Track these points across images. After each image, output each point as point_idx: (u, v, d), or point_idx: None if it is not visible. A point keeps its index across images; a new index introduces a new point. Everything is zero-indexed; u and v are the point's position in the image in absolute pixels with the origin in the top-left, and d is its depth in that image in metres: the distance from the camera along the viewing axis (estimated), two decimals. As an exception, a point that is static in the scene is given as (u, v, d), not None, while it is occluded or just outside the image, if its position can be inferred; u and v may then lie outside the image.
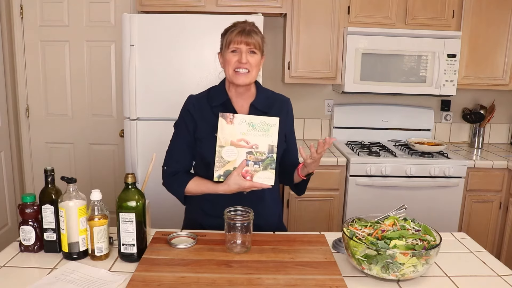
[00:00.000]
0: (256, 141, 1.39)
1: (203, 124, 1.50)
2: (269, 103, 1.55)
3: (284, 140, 1.56)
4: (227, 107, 1.50)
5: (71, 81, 3.14)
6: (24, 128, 3.21)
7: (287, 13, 2.74)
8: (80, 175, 3.15)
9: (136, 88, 2.43)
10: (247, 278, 1.14)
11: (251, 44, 1.43)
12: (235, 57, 1.44)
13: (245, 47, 1.43)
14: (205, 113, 1.51)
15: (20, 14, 3.04)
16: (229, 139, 1.39)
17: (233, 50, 1.44)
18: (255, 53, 1.45)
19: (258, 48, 1.45)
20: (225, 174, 1.40)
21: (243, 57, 1.42)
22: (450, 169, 2.58)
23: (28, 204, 1.30)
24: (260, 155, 1.39)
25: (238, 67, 1.44)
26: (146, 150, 2.48)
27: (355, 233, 1.22)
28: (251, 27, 1.45)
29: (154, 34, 2.39)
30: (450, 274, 1.22)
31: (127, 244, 1.24)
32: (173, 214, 2.51)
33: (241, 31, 1.43)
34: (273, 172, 1.40)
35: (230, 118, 1.39)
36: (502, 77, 2.86)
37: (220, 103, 1.50)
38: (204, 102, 1.53)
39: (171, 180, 1.54)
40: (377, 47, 2.71)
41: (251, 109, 1.52)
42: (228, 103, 1.51)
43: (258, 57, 1.47)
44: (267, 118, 1.40)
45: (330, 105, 3.18)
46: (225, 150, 1.39)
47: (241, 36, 1.42)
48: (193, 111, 1.51)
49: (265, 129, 1.39)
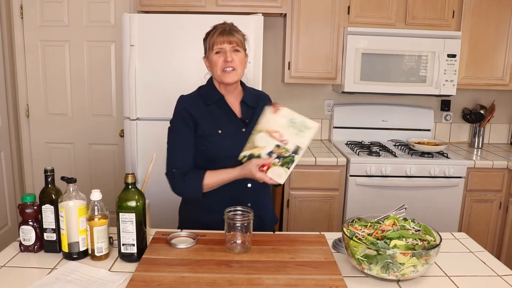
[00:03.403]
0: (289, 137, 1.41)
1: (203, 122, 1.52)
2: (255, 99, 1.61)
3: None
4: (221, 105, 1.55)
5: (71, 81, 3.14)
6: (24, 128, 3.21)
7: (287, 13, 2.74)
8: (80, 175, 3.15)
9: (136, 88, 2.43)
10: (247, 278, 1.14)
11: (234, 43, 1.48)
12: (220, 58, 1.48)
13: (228, 46, 1.48)
14: (203, 112, 1.53)
15: (20, 14, 3.04)
16: (266, 127, 1.42)
17: (217, 51, 1.49)
18: (238, 51, 1.50)
19: (241, 45, 1.50)
20: (249, 156, 1.42)
21: (228, 55, 1.47)
22: (450, 169, 2.58)
23: (28, 204, 1.30)
24: (284, 151, 1.40)
25: (225, 66, 1.48)
26: (146, 150, 2.48)
27: (355, 233, 1.22)
28: (231, 26, 1.51)
29: (154, 34, 2.39)
30: (450, 274, 1.22)
31: (127, 244, 1.24)
32: (173, 214, 2.51)
33: (222, 31, 1.48)
34: (287, 172, 1.40)
35: (278, 109, 1.43)
36: (502, 77, 2.86)
37: (214, 101, 1.55)
38: (199, 101, 1.56)
39: (183, 180, 1.50)
40: (377, 47, 2.71)
41: (242, 105, 1.57)
42: (222, 100, 1.55)
43: (242, 54, 1.52)
44: (308, 121, 1.43)
45: (330, 105, 3.18)
46: (259, 135, 1.42)
47: (223, 36, 1.47)
48: (191, 110, 1.53)
49: (301, 130, 1.41)
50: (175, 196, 2.57)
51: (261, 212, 1.57)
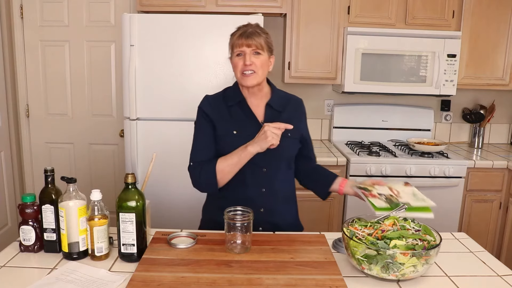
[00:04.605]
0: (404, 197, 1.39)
1: (221, 123, 1.52)
2: (283, 103, 1.58)
3: (300, 141, 1.60)
4: (242, 107, 1.54)
5: (71, 81, 3.14)
6: (24, 128, 3.21)
7: (287, 13, 2.75)
8: (80, 175, 3.14)
9: (136, 88, 2.43)
10: (247, 278, 1.14)
11: (253, 46, 1.45)
12: (240, 61, 1.47)
13: (248, 49, 1.45)
14: (222, 113, 1.53)
15: (20, 14, 3.04)
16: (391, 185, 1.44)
17: (238, 54, 1.47)
18: (259, 53, 1.46)
19: (261, 48, 1.46)
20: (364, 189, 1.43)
21: (247, 58, 1.45)
22: (450, 169, 2.58)
23: (28, 204, 1.30)
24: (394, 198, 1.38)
25: (244, 69, 1.46)
26: (146, 150, 2.48)
27: (355, 233, 1.22)
28: (253, 28, 1.47)
29: (154, 34, 2.39)
30: (450, 274, 1.22)
31: (127, 244, 1.24)
32: (173, 214, 2.52)
33: (241, 33, 1.46)
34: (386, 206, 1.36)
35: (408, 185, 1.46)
36: (502, 77, 2.86)
37: (235, 103, 1.54)
38: (220, 102, 1.55)
39: (198, 169, 1.50)
40: (377, 47, 2.71)
41: (266, 108, 1.54)
42: (243, 102, 1.54)
43: (264, 57, 1.48)
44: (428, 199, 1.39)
45: (330, 105, 3.18)
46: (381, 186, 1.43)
47: (241, 38, 1.45)
48: (208, 111, 1.53)
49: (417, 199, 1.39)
50: (175, 196, 2.58)
51: (275, 219, 1.55)
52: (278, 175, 1.55)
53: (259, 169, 1.51)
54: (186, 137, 2.44)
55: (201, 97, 1.59)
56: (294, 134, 1.54)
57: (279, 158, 1.53)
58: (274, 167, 1.53)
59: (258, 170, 1.51)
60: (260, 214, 1.52)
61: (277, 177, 1.55)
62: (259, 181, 1.52)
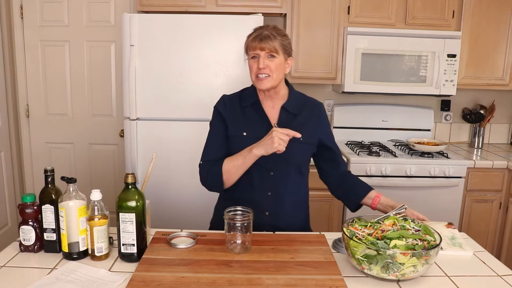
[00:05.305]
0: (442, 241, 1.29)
1: (233, 122, 1.52)
2: (299, 106, 1.56)
3: (319, 146, 1.58)
4: (256, 108, 1.53)
5: (71, 81, 3.14)
6: (24, 128, 3.21)
7: (287, 13, 2.74)
8: (80, 175, 3.14)
9: (136, 88, 2.43)
10: (247, 278, 1.14)
11: (266, 49, 1.42)
12: (255, 64, 1.45)
13: (262, 52, 1.43)
14: (235, 113, 1.53)
15: (20, 14, 3.04)
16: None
17: (253, 56, 1.46)
18: (274, 56, 1.44)
19: (276, 51, 1.43)
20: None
21: (261, 62, 1.43)
22: (450, 169, 2.58)
23: (28, 204, 1.30)
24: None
25: (258, 72, 1.44)
26: (146, 150, 2.48)
27: (355, 233, 1.22)
28: (268, 31, 1.44)
29: (154, 34, 2.39)
30: (450, 274, 1.22)
31: (127, 244, 1.24)
32: (173, 214, 2.52)
33: (255, 36, 1.44)
34: None
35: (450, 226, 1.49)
36: (502, 77, 2.86)
37: (250, 104, 1.53)
38: (236, 102, 1.55)
39: (206, 168, 1.51)
40: (377, 47, 2.71)
41: (281, 111, 1.53)
42: (257, 104, 1.53)
43: (279, 60, 1.45)
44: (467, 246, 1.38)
45: (330, 105, 3.18)
46: None
47: (255, 41, 1.43)
48: (222, 111, 1.53)
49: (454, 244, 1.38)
50: (175, 196, 2.58)
51: (280, 223, 1.53)
52: (286, 180, 1.53)
53: (266, 172, 1.51)
54: (186, 137, 2.47)
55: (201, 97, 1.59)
56: (308, 139, 1.51)
57: (287, 162, 1.51)
58: (282, 171, 1.52)
59: (266, 173, 1.51)
60: (264, 218, 1.52)
61: (285, 181, 1.53)
62: (265, 184, 1.52)
